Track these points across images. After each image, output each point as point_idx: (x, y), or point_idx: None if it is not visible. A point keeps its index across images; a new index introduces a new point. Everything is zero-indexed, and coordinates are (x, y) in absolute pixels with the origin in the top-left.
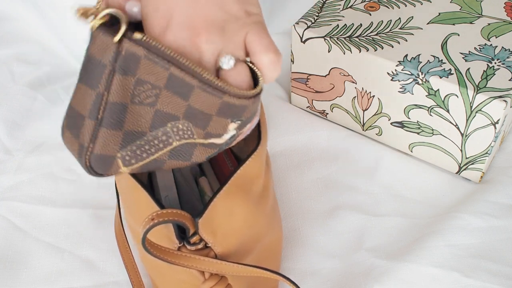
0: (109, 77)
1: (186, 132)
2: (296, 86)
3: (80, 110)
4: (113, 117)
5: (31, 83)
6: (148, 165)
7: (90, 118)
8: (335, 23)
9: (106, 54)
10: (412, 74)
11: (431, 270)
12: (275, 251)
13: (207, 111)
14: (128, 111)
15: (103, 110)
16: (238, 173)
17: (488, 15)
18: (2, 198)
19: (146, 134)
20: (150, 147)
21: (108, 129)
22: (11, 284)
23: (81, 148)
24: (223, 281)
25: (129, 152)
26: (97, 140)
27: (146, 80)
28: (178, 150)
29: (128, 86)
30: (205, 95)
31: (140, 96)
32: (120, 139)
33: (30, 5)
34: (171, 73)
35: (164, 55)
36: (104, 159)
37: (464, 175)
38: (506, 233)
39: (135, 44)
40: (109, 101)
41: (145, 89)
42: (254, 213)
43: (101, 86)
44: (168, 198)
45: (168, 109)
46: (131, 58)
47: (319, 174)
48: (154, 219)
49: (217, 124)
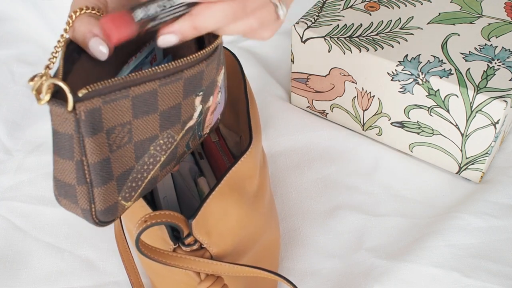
0: (80, 144)
1: (168, 142)
2: (296, 86)
3: (66, 180)
4: (101, 174)
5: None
6: (146, 187)
7: (80, 185)
8: (335, 23)
9: (67, 124)
10: (412, 74)
11: (431, 270)
12: (272, 251)
13: (175, 102)
14: (111, 161)
15: (89, 174)
16: (230, 173)
17: (488, 15)
18: (2, 198)
19: (135, 167)
20: (142, 174)
21: (102, 186)
22: (11, 284)
23: (84, 212)
24: (219, 281)
25: (126, 190)
26: (96, 199)
27: (114, 125)
28: (166, 160)
29: (102, 142)
30: (169, 87)
31: (116, 142)
32: (115, 187)
33: (30, 5)
34: (133, 96)
35: (119, 86)
36: (109, 210)
37: (464, 175)
38: (506, 233)
39: (88, 100)
40: (90, 164)
41: (117, 133)
42: (249, 213)
43: (77, 155)
44: (166, 199)
45: (145, 135)
46: (92, 115)
47: (319, 174)
48: (147, 221)
49: (187, 108)
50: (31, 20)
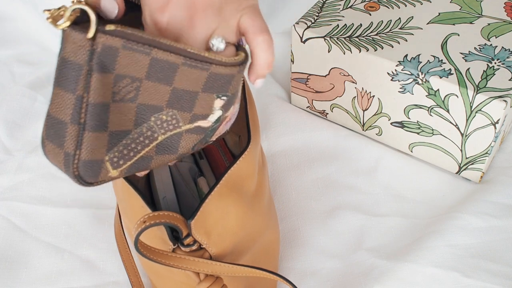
0: (87, 78)
1: (170, 123)
2: (296, 86)
3: (60, 117)
4: (97, 119)
5: (31, 84)
6: (136, 164)
7: (73, 123)
8: (335, 23)
9: (80, 53)
10: (412, 74)
11: (431, 270)
12: (272, 251)
13: (192, 88)
14: (110, 110)
15: (85, 113)
16: (229, 174)
17: (488, 15)
18: (2, 198)
19: (131, 132)
20: (137, 145)
21: (93, 132)
22: (11, 284)
23: (67, 157)
24: (218, 281)
25: (116, 153)
26: (83, 145)
27: (125, 74)
28: (164, 143)
29: (108, 84)
30: (191, 71)
31: (120, 93)
32: (106, 141)
33: (30, 5)
34: (153, 57)
35: (144, 40)
36: (92, 165)
37: (464, 175)
38: (506, 233)
39: (110, 36)
40: (90, 103)
41: (124, 84)
42: (248, 213)
43: (80, 89)
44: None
45: (150, 101)
46: (108, 52)
47: (319, 174)
48: (146, 222)
49: (203, 103)
50: (31, 20)
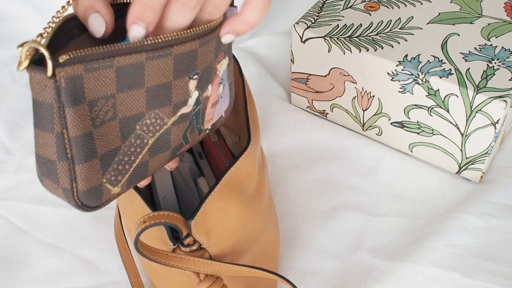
0: (60, 115)
1: (156, 123)
2: (296, 86)
3: (47, 156)
4: (83, 150)
5: None
6: (135, 173)
7: (61, 161)
8: (335, 23)
9: (46, 92)
10: (412, 74)
11: (431, 270)
12: (272, 251)
13: (165, 80)
14: (94, 137)
15: (70, 149)
16: (229, 173)
17: (488, 15)
18: (2, 198)
19: (121, 147)
20: (129, 157)
21: (83, 163)
22: (11, 284)
23: (66, 191)
24: (218, 282)
25: (112, 172)
26: (78, 178)
27: (97, 97)
28: (155, 144)
29: (84, 114)
30: (157, 62)
31: (99, 117)
32: (99, 166)
33: (30, 5)
34: (117, 67)
35: (102, 54)
36: (92, 192)
37: (464, 175)
38: (506, 233)
39: (69, 66)
40: (71, 137)
41: (100, 107)
42: (248, 213)
43: (57, 127)
44: (166, 200)
45: (130, 112)
46: (73, 83)
47: (319, 174)
48: (146, 222)
49: (179, 90)
50: (31, 20)
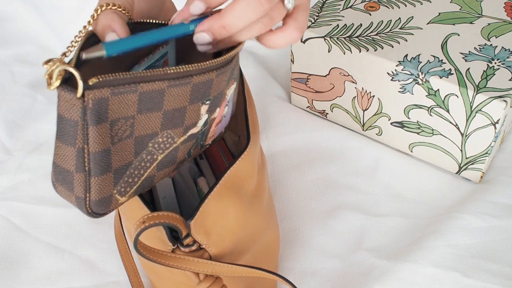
0: (84, 132)
1: (167, 142)
2: (296, 86)
3: (65, 166)
4: (100, 164)
5: (31, 84)
6: (142, 185)
7: (78, 172)
8: (335, 23)
9: (73, 111)
10: (412, 74)
11: (431, 270)
12: (272, 251)
13: (180, 105)
14: (111, 153)
15: (88, 162)
16: (228, 174)
17: (488, 15)
18: (2, 198)
19: (133, 162)
20: (139, 171)
21: (99, 176)
22: (11, 284)
23: (79, 200)
24: (218, 282)
25: (122, 184)
26: (92, 189)
27: (119, 117)
28: (163, 160)
29: (105, 132)
30: (176, 90)
31: (118, 135)
32: (112, 179)
33: (30, 5)
34: (140, 92)
35: (128, 80)
36: (103, 201)
37: (464, 175)
38: (506, 233)
39: (97, 89)
40: (91, 153)
41: (119, 126)
42: (248, 213)
43: (79, 142)
44: (166, 200)
45: (145, 131)
46: (99, 105)
47: (319, 174)
48: (145, 222)
49: (192, 113)
50: (31, 20)
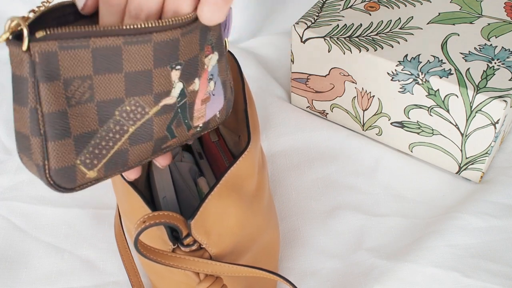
0: (35, 90)
1: (137, 111)
2: (296, 86)
3: (23, 131)
4: (56, 127)
5: None
6: (114, 160)
7: (34, 136)
8: (335, 23)
9: (22, 66)
10: (412, 74)
11: (431, 270)
12: (272, 251)
13: (144, 67)
14: (69, 116)
15: (43, 124)
16: (229, 173)
17: (488, 15)
18: (2, 198)
19: (98, 131)
20: (107, 142)
21: (56, 141)
22: (11, 284)
23: (38, 168)
24: (218, 281)
25: (87, 155)
26: (50, 155)
27: (73, 76)
28: (136, 133)
29: (59, 91)
30: (135, 48)
31: (75, 96)
32: (72, 146)
33: (30, 5)
34: (93, 48)
35: (78, 34)
36: (65, 172)
37: (464, 175)
38: (506, 233)
39: (44, 42)
40: (45, 113)
41: (76, 87)
42: (248, 213)
43: (31, 101)
44: (166, 199)
45: (108, 96)
46: (48, 59)
47: (319, 174)
48: (145, 222)
49: (160, 79)
50: None
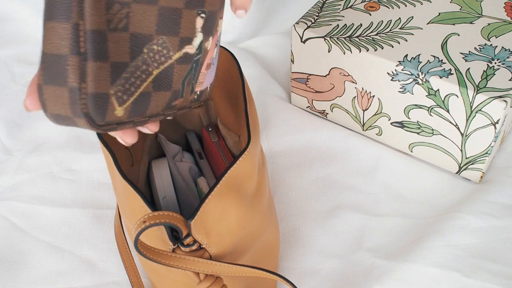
0: (79, 3)
1: (162, 53)
2: (296, 86)
3: (58, 51)
4: (97, 47)
5: None
6: (139, 101)
7: (73, 54)
8: (335, 23)
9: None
10: (412, 74)
11: (431, 270)
12: (272, 251)
13: (176, 5)
14: (108, 39)
15: (84, 41)
16: (229, 173)
17: (488, 15)
18: (2, 198)
19: (128, 64)
20: (136, 79)
21: (96, 61)
22: (11, 284)
23: (72, 93)
24: (218, 281)
25: (119, 86)
26: (88, 76)
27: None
28: (159, 77)
29: (101, 10)
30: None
31: (113, 21)
32: (109, 71)
33: (30, 5)
34: None
35: None
36: (100, 99)
37: (464, 175)
38: (506, 233)
39: None
40: (87, 30)
41: (115, 11)
42: (248, 213)
43: (75, 16)
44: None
45: (141, 29)
46: None
47: (319, 174)
48: (146, 222)
49: (187, 22)
50: (31, 20)
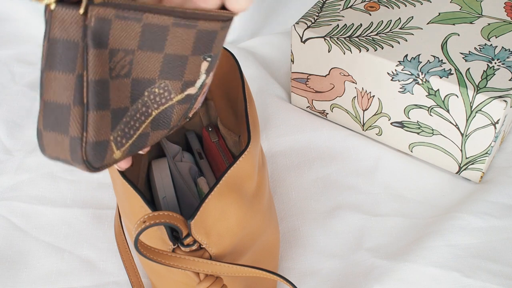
0: (83, 55)
1: (163, 96)
2: (296, 86)
3: (60, 101)
4: (99, 97)
5: (31, 84)
6: (136, 143)
7: (76, 105)
8: (335, 23)
9: (72, 31)
10: (412, 74)
11: (431, 270)
12: (272, 251)
13: (183, 52)
14: (110, 87)
15: (87, 92)
16: (229, 173)
17: (488, 15)
18: (2, 198)
19: (129, 109)
20: (135, 122)
21: (98, 111)
22: (11, 284)
23: (74, 142)
24: (218, 281)
25: (119, 132)
26: (89, 126)
27: (119, 48)
28: (158, 118)
29: (105, 60)
30: (181, 31)
31: (116, 69)
32: (109, 119)
33: (31, 5)
34: (144, 23)
35: (135, 7)
36: (99, 147)
37: (464, 175)
38: (506, 233)
39: (102, 7)
40: (90, 81)
41: (118, 59)
42: (248, 213)
43: (79, 67)
44: (166, 199)
45: (143, 74)
46: (102, 26)
47: (319, 174)
48: (146, 222)
49: (192, 67)
50: (31, 20)
